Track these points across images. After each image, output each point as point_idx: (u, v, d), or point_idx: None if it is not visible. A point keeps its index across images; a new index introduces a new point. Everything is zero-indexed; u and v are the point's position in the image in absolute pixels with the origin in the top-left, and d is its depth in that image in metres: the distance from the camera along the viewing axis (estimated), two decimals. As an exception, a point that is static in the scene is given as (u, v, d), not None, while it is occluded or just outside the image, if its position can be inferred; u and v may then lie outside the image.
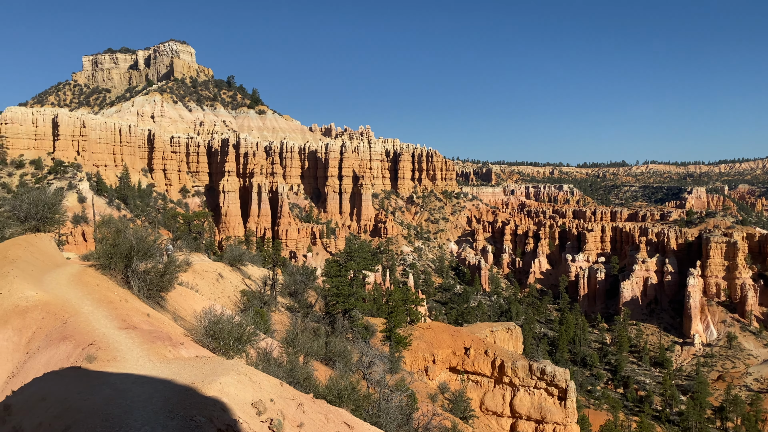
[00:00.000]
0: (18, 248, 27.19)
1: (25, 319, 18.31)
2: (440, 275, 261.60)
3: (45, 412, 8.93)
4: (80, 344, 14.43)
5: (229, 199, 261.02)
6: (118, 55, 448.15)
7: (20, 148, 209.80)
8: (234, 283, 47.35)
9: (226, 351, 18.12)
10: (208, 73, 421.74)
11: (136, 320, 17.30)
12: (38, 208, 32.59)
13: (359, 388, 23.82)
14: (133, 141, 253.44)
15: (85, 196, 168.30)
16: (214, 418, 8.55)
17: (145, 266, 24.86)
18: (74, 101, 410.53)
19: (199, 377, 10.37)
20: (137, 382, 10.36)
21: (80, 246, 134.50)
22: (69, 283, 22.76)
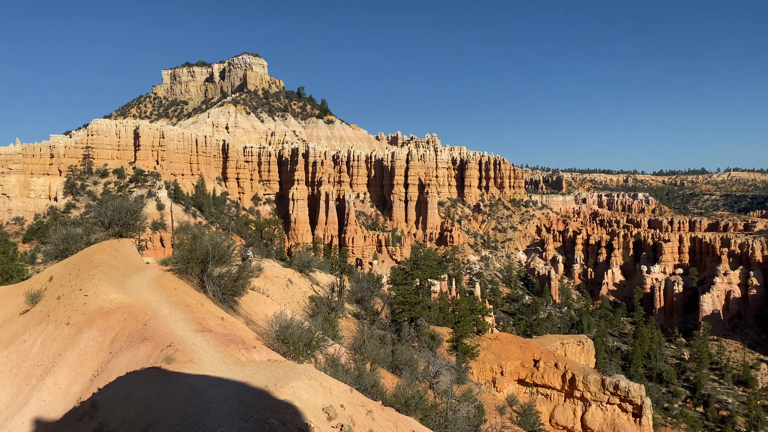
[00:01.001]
0: (103, 252, 28.73)
1: (108, 320, 19.28)
2: (508, 285, 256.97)
3: (128, 409, 9.35)
4: (159, 345, 15.05)
5: (298, 206, 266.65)
6: (195, 68, 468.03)
7: (105, 158, 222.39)
8: (303, 289, 48.16)
9: (296, 355, 18.40)
10: (279, 85, 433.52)
11: (211, 323, 17.87)
12: (121, 214, 34.37)
13: (426, 397, 23.67)
14: (209, 151, 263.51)
15: (163, 204, 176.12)
16: (287, 422, 8.69)
17: (219, 271, 25.70)
18: (154, 113, 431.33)
19: (271, 381, 10.58)
20: (213, 383, 10.68)
21: (158, 251, 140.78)
22: (149, 286, 23.82)
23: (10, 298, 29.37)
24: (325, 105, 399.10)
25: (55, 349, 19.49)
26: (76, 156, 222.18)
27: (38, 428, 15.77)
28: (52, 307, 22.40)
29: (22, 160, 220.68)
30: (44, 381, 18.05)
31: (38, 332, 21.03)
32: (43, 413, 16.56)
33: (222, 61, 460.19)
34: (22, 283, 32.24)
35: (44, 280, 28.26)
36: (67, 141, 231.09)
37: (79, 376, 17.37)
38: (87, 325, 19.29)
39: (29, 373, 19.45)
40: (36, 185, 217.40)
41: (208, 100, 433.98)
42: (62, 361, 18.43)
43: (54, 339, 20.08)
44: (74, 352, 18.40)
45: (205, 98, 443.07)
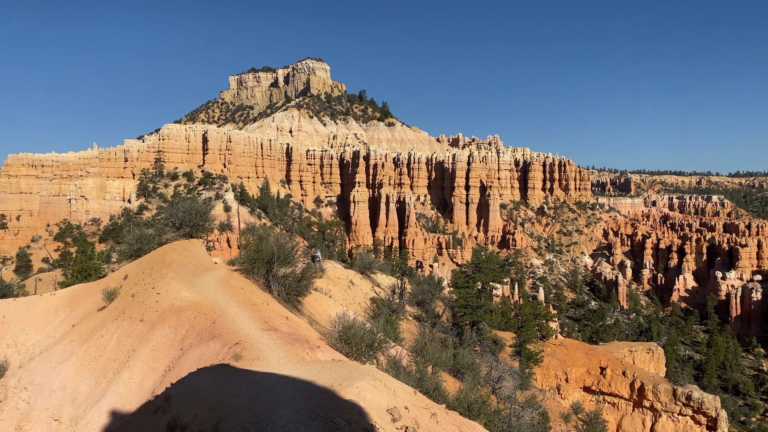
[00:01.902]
0: (174, 252, 29.83)
1: (179, 317, 19.99)
2: (573, 290, 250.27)
3: (199, 404, 9.64)
4: (227, 343, 15.46)
5: (358, 209, 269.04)
6: (260, 74, 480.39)
7: (175, 161, 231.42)
8: (364, 290, 48.45)
9: (358, 356, 18.51)
10: (341, 89, 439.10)
11: (276, 322, 18.22)
12: (191, 216, 35.62)
13: (489, 402, 23.34)
14: (273, 154, 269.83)
15: (230, 206, 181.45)
16: (352, 422, 8.74)
17: (284, 272, 26.21)
18: (221, 118, 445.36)
19: (336, 380, 10.67)
20: (280, 381, 10.87)
21: (225, 251, 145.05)
22: (217, 285, 24.55)
23: (88, 295, 30.95)
24: (386, 108, 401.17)
25: (130, 344, 20.36)
26: (149, 160, 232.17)
27: (115, 420, 16.49)
28: (127, 304, 23.43)
29: (99, 163, 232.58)
30: (120, 375, 18.89)
31: (114, 328, 22.04)
32: (119, 405, 17.32)
33: (286, 66, 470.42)
34: (99, 281, 33.90)
35: (119, 278, 29.61)
36: (140, 145, 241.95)
37: (152, 371, 18.07)
38: (159, 322, 20.06)
39: (106, 366, 20.40)
40: (111, 188, 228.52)
41: (272, 104, 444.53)
42: (136, 356, 19.23)
43: (129, 335, 20.99)
44: (147, 348, 19.17)
45: (270, 103, 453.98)
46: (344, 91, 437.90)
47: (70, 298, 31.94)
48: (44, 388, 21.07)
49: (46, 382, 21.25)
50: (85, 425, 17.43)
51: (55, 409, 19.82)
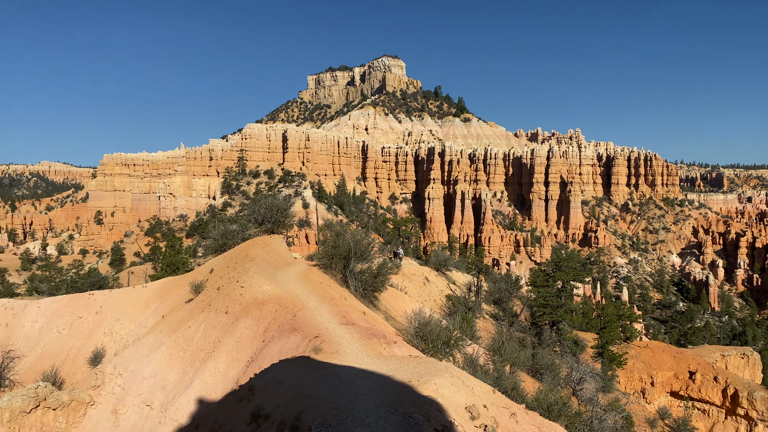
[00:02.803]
0: (256, 247, 30.84)
1: (262, 310, 20.63)
2: (659, 290, 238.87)
3: (282, 395, 9.91)
4: (307, 336, 15.80)
5: (433, 205, 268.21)
6: (337, 73, 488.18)
7: (256, 159, 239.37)
8: (439, 288, 48.26)
9: (434, 353, 18.44)
10: (416, 85, 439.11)
11: (354, 317, 18.44)
12: (272, 212, 36.73)
13: (570, 404, 22.68)
14: (349, 152, 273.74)
15: (308, 203, 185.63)
16: (430, 418, 8.71)
17: (360, 267, 26.51)
18: (300, 117, 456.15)
19: (414, 376, 10.67)
20: (358, 375, 10.99)
21: (304, 247, 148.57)
22: (297, 280, 25.15)
23: (177, 288, 32.52)
24: (462, 103, 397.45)
25: (216, 335, 21.22)
26: (232, 158, 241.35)
27: (202, 408, 17.24)
28: (213, 296, 24.44)
29: (186, 162, 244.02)
30: (206, 364, 19.72)
31: (201, 319, 23.05)
32: (205, 394, 18.09)
33: (362, 65, 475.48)
34: (186, 275, 35.57)
35: (205, 272, 30.94)
36: (223, 144, 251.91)
37: (236, 362, 18.75)
38: (243, 315, 20.80)
39: (193, 356, 21.36)
40: (197, 185, 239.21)
41: (349, 102, 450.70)
42: (221, 346, 20.02)
43: (214, 326, 21.88)
44: (232, 339, 19.91)
45: (347, 101, 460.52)
46: (419, 88, 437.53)
47: (160, 291, 33.70)
48: (137, 375, 22.32)
49: (139, 369, 22.51)
50: (174, 411, 18.32)
51: (147, 395, 20.97)
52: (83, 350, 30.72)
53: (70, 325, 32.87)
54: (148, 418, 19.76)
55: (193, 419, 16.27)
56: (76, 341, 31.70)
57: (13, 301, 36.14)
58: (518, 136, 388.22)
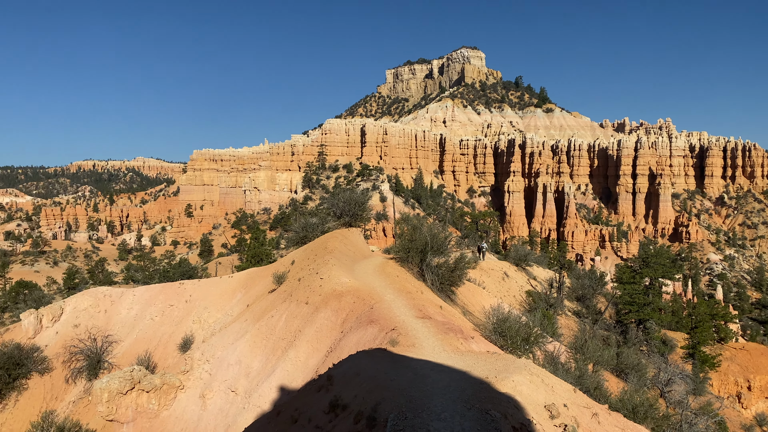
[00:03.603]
0: (335, 240, 31.41)
1: (340, 302, 21.00)
2: (758, 289, 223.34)
3: (359, 386, 10.03)
4: (384, 328, 15.92)
5: (513, 199, 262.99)
6: (416, 66, 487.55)
7: (336, 154, 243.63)
8: (519, 283, 47.39)
9: (513, 349, 18.12)
10: (496, 76, 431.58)
11: (430, 311, 18.41)
12: (351, 206, 37.29)
13: (657, 406, 21.66)
14: (427, 145, 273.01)
15: (386, 196, 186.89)
16: (508, 415, 8.56)
17: (437, 261, 26.42)
18: (378, 111, 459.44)
19: (492, 372, 10.52)
20: (435, 369, 10.96)
21: (381, 240, 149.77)
22: (374, 272, 25.41)
23: (261, 278, 33.67)
24: (544, 93, 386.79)
25: (297, 325, 21.81)
26: (312, 153, 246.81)
27: (283, 395, 17.77)
28: (294, 287, 25.11)
29: (269, 157, 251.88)
30: (287, 353, 20.31)
31: (283, 309, 23.75)
32: (287, 382, 18.63)
33: (441, 57, 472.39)
34: (269, 266, 36.76)
35: (287, 263, 31.85)
36: (304, 140, 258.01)
37: (316, 351, 19.19)
38: (322, 306, 21.25)
39: (275, 345, 22.05)
40: (280, 179, 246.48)
41: (427, 95, 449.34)
42: (302, 336, 20.55)
43: (295, 316, 22.49)
44: (312, 329, 20.40)
45: (425, 94, 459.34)
46: (499, 79, 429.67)
47: (245, 281, 35.02)
48: (223, 362, 23.32)
49: (225, 356, 23.50)
50: (257, 398, 19.00)
51: (232, 381, 21.87)
52: (174, 336, 32.44)
53: (162, 312, 34.79)
54: (233, 403, 20.59)
55: (275, 406, 16.80)
56: (168, 328, 33.51)
57: (111, 289, 38.67)
58: (604, 127, 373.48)
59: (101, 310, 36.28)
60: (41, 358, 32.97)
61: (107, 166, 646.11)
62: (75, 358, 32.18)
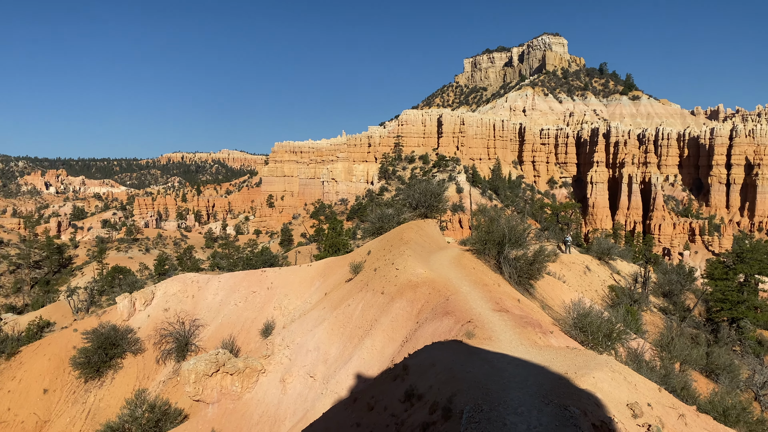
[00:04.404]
0: (411, 231, 31.51)
1: (416, 292, 21.08)
2: None
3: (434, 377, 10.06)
4: (460, 320, 15.85)
5: (596, 190, 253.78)
6: (495, 54, 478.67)
7: (412, 145, 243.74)
8: (601, 277, 45.91)
9: (594, 345, 17.60)
10: (579, 63, 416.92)
11: (507, 304, 18.15)
12: (426, 197, 37.27)
13: (751, 409, 20.42)
14: (505, 135, 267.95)
15: (462, 187, 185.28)
16: (587, 412, 8.33)
17: (515, 254, 25.96)
18: (455, 101, 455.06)
19: (571, 368, 10.25)
20: (512, 363, 10.81)
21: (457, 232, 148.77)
22: (450, 264, 25.31)
23: (338, 267, 34.33)
24: (630, 80, 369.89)
25: (372, 314, 22.10)
26: (389, 144, 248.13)
27: (359, 382, 18.09)
28: (370, 277, 25.44)
29: (347, 149, 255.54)
30: (364, 341, 20.63)
31: (359, 298, 24.12)
32: (363, 370, 18.94)
33: (521, 45, 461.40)
34: (346, 255, 37.40)
35: (363, 253, 32.28)
36: (381, 131, 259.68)
37: (391, 341, 19.38)
38: (398, 296, 21.41)
39: (352, 333, 22.44)
40: (356, 171, 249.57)
41: (506, 84, 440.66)
42: (378, 325, 20.80)
43: (371, 306, 22.79)
44: (387, 319, 20.61)
45: (503, 83, 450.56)
46: (582, 65, 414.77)
47: (323, 270, 35.83)
48: (302, 348, 23.99)
49: (304, 342, 24.17)
50: (335, 384, 19.43)
51: (311, 367, 22.47)
52: (256, 322, 33.69)
53: (245, 298, 36.19)
54: (312, 388, 21.16)
55: (352, 393, 17.12)
56: (250, 313, 34.84)
57: (198, 276, 40.60)
58: (695, 114, 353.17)
59: (189, 295, 38.19)
60: (134, 339, 35.17)
61: (194, 158, 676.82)
62: (165, 340, 34.09)
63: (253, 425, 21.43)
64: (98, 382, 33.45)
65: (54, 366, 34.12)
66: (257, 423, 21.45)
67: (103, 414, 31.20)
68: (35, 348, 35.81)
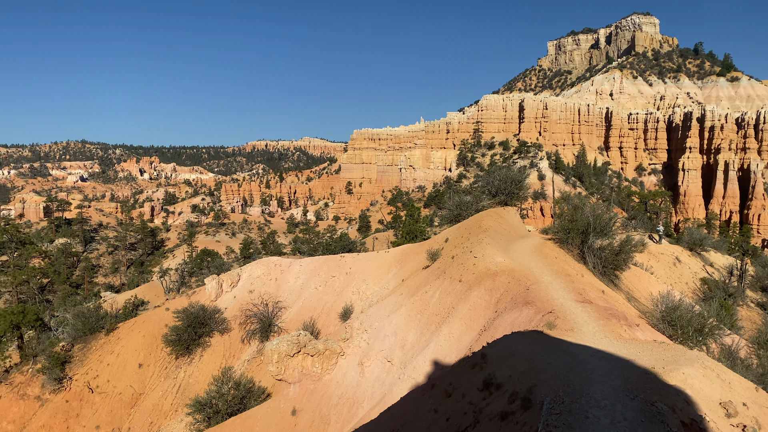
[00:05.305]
0: (490, 219, 31.09)
1: (494, 281, 20.82)
2: None
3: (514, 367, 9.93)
4: (540, 311, 15.54)
5: (688, 177, 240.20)
6: (580, 36, 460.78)
7: (492, 131, 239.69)
8: (693, 270, 43.68)
9: (684, 340, 16.79)
10: (671, 43, 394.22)
11: (591, 295, 17.60)
12: (507, 184, 36.57)
13: None
14: (591, 120, 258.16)
15: (544, 174, 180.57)
16: (676, 409, 7.96)
17: (600, 243, 25.06)
18: (538, 85, 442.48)
19: (659, 363, 9.83)
20: (595, 355, 10.49)
21: (538, 220, 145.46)
22: (530, 253, 24.80)
23: (415, 254, 34.44)
24: (729, 60, 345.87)
25: (450, 302, 22.05)
26: (467, 131, 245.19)
27: (436, 369, 18.14)
28: (447, 265, 25.36)
29: (425, 136, 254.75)
30: (441, 329, 20.65)
31: (436, 286, 24.12)
32: (440, 357, 18.97)
33: (608, 26, 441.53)
34: (423, 243, 37.44)
35: (441, 240, 32.20)
36: (460, 117, 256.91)
37: (469, 329, 19.28)
38: (476, 284, 21.23)
39: (429, 320, 22.50)
40: (434, 158, 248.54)
41: (592, 67, 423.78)
42: (455, 313, 20.74)
43: (449, 293, 22.74)
44: (465, 307, 20.50)
45: (589, 66, 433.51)
46: (675, 46, 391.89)
47: (400, 256, 36.07)
48: (380, 333, 24.32)
49: (381, 327, 24.48)
50: (412, 370, 19.59)
51: (388, 351, 22.75)
52: (335, 306, 34.45)
53: (325, 282, 37.06)
54: (389, 373, 21.43)
55: (429, 379, 17.21)
56: (329, 297, 35.65)
57: (281, 259, 41.93)
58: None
59: (272, 278, 39.54)
60: (221, 319, 36.87)
61: (277, 146, 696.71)
62: (249, 321, 35.52)
63: (332, 406, 22.00)
64: (188, 359, 35.35)
65: (148, 342, 36.36)
66: (336, 404, 21.99)
67: (192, 389, 32.98)
68: (131, 325, 38.28)
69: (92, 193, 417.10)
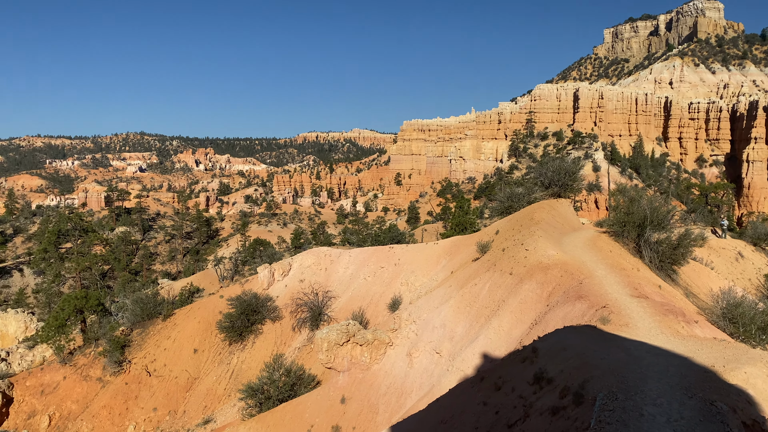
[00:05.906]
0: (542, 211, 30.54)
1: (546, 274, 20.47)
2: None
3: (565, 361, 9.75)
4: (594, 305, 15.20)
5: (753, 169, 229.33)
6: (638, 23, 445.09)
7: (545, 121, 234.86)
8: (756, 265, 41.84)
9: (746, 338, 16.13)
10: (737, 29, 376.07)
11: (647, 290, 17.11)
12: (560, 176, 35.80)
13: None
14: (649, 109, 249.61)
15: (599, 165, 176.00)
16: (737, 409, 7.66)
17: (657, 237, 24.30)
18: (593, 74, 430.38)
19: (719, 361, 9.47)
20: (651, 352, 10.19)
21: (592, 213, 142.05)
22: (584, 246, 24.25)
23: (465, 246, 34.20)
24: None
25: (500, 295, 21.82)
26: (520, 121, 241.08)
27: (486, 362, 18.02)
28: (498, 257, 25.07)
29: (475, 126, 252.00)
30: (490, 321, 20.47)
31: (486, 278, 23.90)
32: (489, 350, 18.83)
33: (669, 12, 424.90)
34: (473, 234, 37.13)
35: (491, 233, 31.85)
36: (512, 107, 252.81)
37: (519, 322, 19.05)
38: (527, 277, 20.93)
39: (478, 312, 22.34)
40: (485, 149, 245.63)
41: (650, 55, 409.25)
42: (505, 306, 20.52)
43: (499, 286, 22.50)
44: (515, 300, 20.25)
45: (648, 53, 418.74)
46: (741, 32, 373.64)
47: (449, 248, 35.90)
48: (428, 324, 24.31)
49: (430, 319, 24.46)
50: (460, 362, 19.52)
51: (437, 343, 22.72)
52: (384, 296, 34.62)
53: (373, 273, 37.27)
54: (437, 364, 21.42)
55: (478, 372, 17.10)
56: (378, 288, 35.84)
57: (331, 250, 42.41)
58: None
59: (322, 267, 40.04)
60: (273, 307, 37.62)
61: (327, 137, 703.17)
62: (300, 310, 36.11)
63: (381, 395, 22.17)
64: (240, 345, 36.25)
65: (203, 328, 37.46)
66: (384, 394, 22.15)
67: (245, 375, 33.81)
68: (187, 311, 39.51)
69: (150, 183, 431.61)
